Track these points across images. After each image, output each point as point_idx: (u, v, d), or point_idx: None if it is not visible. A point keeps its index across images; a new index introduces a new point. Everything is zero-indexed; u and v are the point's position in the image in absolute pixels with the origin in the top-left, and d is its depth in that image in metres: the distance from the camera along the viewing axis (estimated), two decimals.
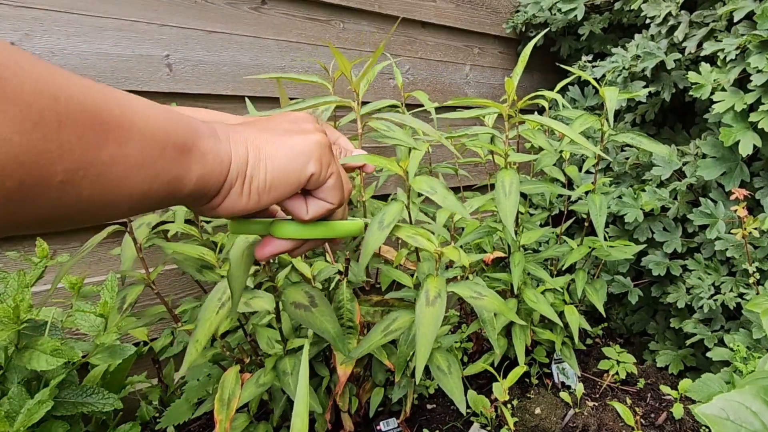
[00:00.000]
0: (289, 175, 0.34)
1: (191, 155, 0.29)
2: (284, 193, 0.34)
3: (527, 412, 1.07)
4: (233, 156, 0.32)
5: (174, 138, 0.28)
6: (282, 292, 0.68)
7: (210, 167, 0.30)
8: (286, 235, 0.39)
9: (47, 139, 0.22)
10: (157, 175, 0.28)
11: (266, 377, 0.76)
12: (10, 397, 0.66)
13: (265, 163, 0.33)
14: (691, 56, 1.32)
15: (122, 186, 0.26)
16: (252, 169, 0.32)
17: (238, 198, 0.33)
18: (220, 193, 0.32)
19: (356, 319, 0.77)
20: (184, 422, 1.01)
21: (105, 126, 0.25)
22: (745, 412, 0.38)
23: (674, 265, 1.29)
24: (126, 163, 0.26)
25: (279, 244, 0.39)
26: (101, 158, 0.25)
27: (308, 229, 0.39)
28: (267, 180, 0.33)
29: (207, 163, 0.30)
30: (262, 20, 1.21)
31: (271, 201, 0.34)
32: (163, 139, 0.28)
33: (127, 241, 0.80)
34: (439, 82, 1.63)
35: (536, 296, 1.04)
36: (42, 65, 0.23)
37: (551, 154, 1.04)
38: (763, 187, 1.19)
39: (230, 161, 0.32)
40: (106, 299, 0.78)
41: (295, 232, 0.39)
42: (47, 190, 0.23)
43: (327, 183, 0.37)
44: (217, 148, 0.31)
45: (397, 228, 0.67)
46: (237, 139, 0.33)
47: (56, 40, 0.94)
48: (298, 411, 0.42)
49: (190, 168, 0.29)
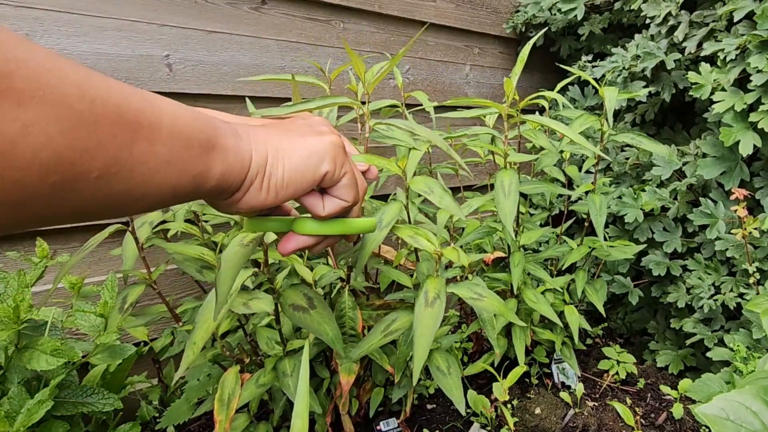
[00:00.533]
0: (304, 173, 0.36)
1: (215, 152, 0.31)
2: (300, 189, 0.37)
3: (527, 412, 1.07)
4: (254, 154, 0.34)
5: (199, 136, 0.30)
6: (281, 294, 0.68)
7: (231, 164, 0.33)
8: (307, 231, 0.41)
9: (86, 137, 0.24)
10: (184, 171, 0.30)
11: (266, 378, 0.76)
12: (10, 397, 0.66)
13: (283, 161, 0.35)
14: (691, 56, 1.32)
15: (152, 180, 0.28)
16: (271, 166, 0.35)
17: (258, 193, 0.35)
18: (240, 188, 0.34)
19: (358, 327, 0.77)
20: (184, 422, 1.01)
21: (137, 125, 0.26)
22: (745, 412, 0.38)
23: (674, 265, 1.29)
24: (156, 160, 0.28)
25: (301, 240, 0.42)
26: (133, 155, 0.26)
27: (326, 225, 0.41)
28: (284, 177, 0.35)
29: (228, 159, 0.32)
30: (262, 20, 1.21)
31: (288, 197, 0.36)
32: (189, 137, 0.30)
33: (129, 240, 0.80)
34: (439, 82, 1.63)
35: (536, 296, 1.04)
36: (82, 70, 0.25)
37: (551, 154, 1.04)
38: (763, 187, 1.19)
39: (251, 159, 0.34)
40: (106, 299, 0.78)
41: (315, 229, 0.41)
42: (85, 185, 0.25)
43: (341, 181, 0.39)
44: (238, 146, 0.33)
45: (398, 228, 0.67)
46: (257, 139, 0.35)
47: (56, 40, 0.94)
48: (298, 411, 0.42)
49: (213, 164, 0.31)
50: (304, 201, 0.39)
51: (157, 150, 0.28)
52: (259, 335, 0.80)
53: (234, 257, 0.52)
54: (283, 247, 0.42)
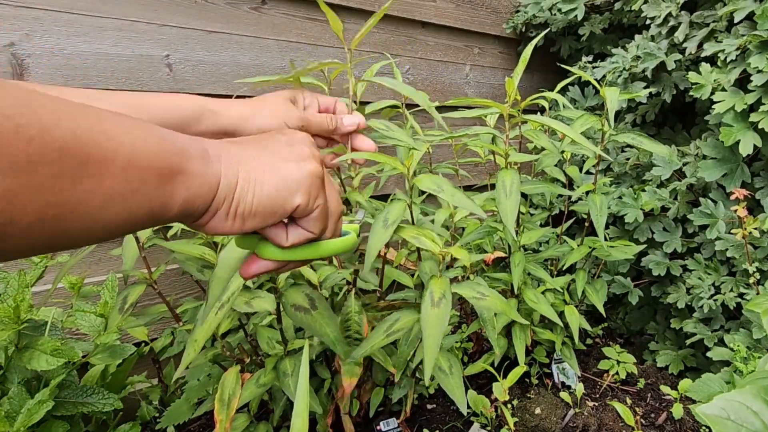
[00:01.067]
0: (275, 204, 0.34)
1: (178, 179, 0.29)
2: (267, 221, 0.35)
3: (527, 412, 1.07)
4: (222, 178, 0.32)
5: (158, 164, 0.27)
6: (282, 294, 0.68)
7: (196, 191, 0.30)
8: (269, 255, 0.39)
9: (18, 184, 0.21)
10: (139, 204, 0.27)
11: (267, 377, 0.76)
12: (10, 397, 0.66)
13: (254, 187, 0.33)
14: (691, 57, 1.32)
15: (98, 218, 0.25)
16: (240, 192, 0.32)
17: (224, 220, 0.33)
18: (206, 213, 0.32)
19: (364, 332, 0.77)
20: (184, 422, 1.01)
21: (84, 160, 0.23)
22: (745, 412, 0.38)
23: (674, 265, 1.29)
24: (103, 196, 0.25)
25: (263, 264, 0.39)
26: (76, 195, 0.23)
27: (291, 252, 0.39)
28: (253, 205, 0.33)
29: (194, 186, 0.30)
30: (262, 20, 1.21)
31: (255, 227, 0.34)
32: (146, 167, 0.27)
33: (129, 240, 0.80)
34: (439, 82, 1.63)
35: (536, 296, 1.04)
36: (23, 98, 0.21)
37: (552, 154, 1.04)
38: (763, 187, 1.19)
39: (218, 184, 0.31)
40: (106, 299, 0.78)
41: (280, 254, 0.39)
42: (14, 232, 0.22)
43: (312, 214, 0.37)
44: (205, 171, 0.31)
45: (401, 229, 0.67)
46: (229, 160, 0.33)
47: (56, 40, 0.94)
48: (298, 410, 0.42)
49: (175, 192, 0.29)
50: (267, 231, 0.37)
51: (106, 185, 0.25)
52: (260, 335, 0.80)
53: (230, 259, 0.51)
54: (245, 271, 0.40)
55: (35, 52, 0.92)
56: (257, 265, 0.39)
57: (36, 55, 0.92)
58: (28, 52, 0.91)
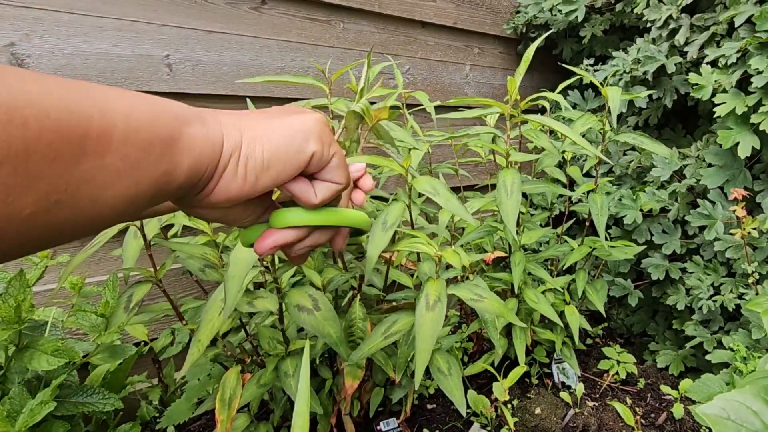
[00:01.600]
0: (288, 153, 0.31)
1: (180, 144, 0.27)
2: (284, 173, 0.31)
3: (527, 412, 1.07)
4: (225, 137, 0.30)
5: (158, 131, 0.26)
6: (285, 294, 0.68)
7: (200, 152, 0.28)
8: (286, 223, 0.34)
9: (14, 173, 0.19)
10: (144, 177, 0.25)
11: (267, 377, 0.76)
12: (11, 397, 0.66)
13: (261, 141, 0.30)
14: (692, 60, 1.32)
15: (103, 198, 0.24)
16: (247, 148, 0.30)
17: (233, 179, 0.30)
18: (213, 176, 0.29)
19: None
20: (184, 422, 1.01)
21: (83, 138, 0.22)
22: (745, 412, 0.38)
23: (673, 268, 1.29)
24: (106, 174, 0.23)
25: (280, 235, 0.35)
26: (77, 176, 0.22)
27: (313, 215, 0.35)
28: (264, 158, 0.30)
29: (196, 147, 0.28)
30: (262, 20, 1.21)
31: (270, 182, 0.31)
32: (147, 137, 0.25)
33: (129, 240, 0.79)
34: (440, 82, 1.63)
35: (537, 296, 1.04)
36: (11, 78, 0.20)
37: (553, 154, 1.04)
38: (763, 189, 1.20)
39: (222, 141, 0.29)
40: (107, 299, 0.78)
41: (298, 219, 0.34)
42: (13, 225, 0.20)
43: (331, 162, 0.34)
44: (206, 131, 0.29)
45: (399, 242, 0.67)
46: (228, 123, 0.30)
47: (56, 40, 0.94)
48: (299, 410, 0.42)
49: (179, 159, 0.27)
50: (292, 188, 0.33)
51: (108, 162, 0.23)
52: (262, 335, 0.80)
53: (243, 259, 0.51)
54: (260, 245, 0.35)
55: (35, 52, 0.92)
56: (273, 237, 0.35)
57: (36, 55, 0.92)
58: (28, 52, 0.91)
